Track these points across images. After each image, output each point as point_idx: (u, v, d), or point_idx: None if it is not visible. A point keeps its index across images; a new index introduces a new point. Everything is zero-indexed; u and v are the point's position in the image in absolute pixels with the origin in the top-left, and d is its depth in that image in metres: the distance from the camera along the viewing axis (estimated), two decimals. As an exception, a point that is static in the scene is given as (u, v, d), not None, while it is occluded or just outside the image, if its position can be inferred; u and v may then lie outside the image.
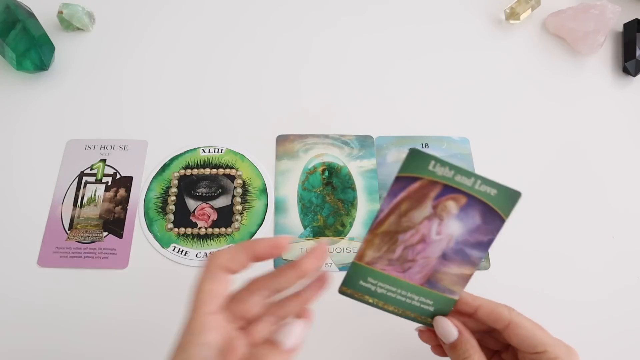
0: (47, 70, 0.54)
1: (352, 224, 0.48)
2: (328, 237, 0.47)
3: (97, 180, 0.49)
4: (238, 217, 0.48)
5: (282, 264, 0.30)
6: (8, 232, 0.46)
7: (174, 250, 0.46)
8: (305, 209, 0.48)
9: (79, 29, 0.58)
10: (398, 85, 0.56)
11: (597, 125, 0.54)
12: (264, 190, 0.49)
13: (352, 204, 0.49)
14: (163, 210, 0.48)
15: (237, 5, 0.61)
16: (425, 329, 0.35)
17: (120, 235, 0.46)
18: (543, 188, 0.50)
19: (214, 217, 0.48)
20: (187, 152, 0.51)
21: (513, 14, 0.59)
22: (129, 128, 0.52)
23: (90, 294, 0.44)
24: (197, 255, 0.46)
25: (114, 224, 0.47)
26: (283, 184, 0.50)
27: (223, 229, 0.47)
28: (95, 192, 0.49)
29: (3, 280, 0.44)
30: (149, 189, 0.49)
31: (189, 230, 0.47)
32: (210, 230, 0.47)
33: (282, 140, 0.52)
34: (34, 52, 0.52)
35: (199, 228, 0.47)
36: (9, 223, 0.47)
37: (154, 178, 0.49)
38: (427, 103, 0.55)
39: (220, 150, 0.51)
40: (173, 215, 0.48)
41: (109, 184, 0.49)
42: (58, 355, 0.42)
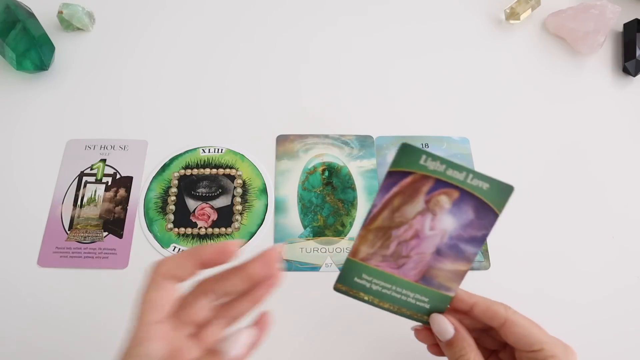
0: (47, 70, 0.54)
1: (352, 224, 0.48)
2: (327, 236, 0.47)
3: (97, 180, 0.49)
4: (238, 217, 0.48)
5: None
6: (8, 232, 0.47)
7: (174, 250, 0.46)
8: (305, 209, 0.48)
9: (79, 29, 0.58)
10: (398, 85, 0.56)
11: (597, 125, 0.54)
12: (264, 190, 0.49)
13: (352, 204, 0.49)
14: (163, 210, 0.48)
15: (237, 5, 0.61)
16: (422, 328, 0.35)
17: (120, 235, 0.46)
18: (543, 188, 0.50)
19: (214, 217, 0.48)
20: (187, 152, 0.51)
21: (513, 14, 0.59)
22: (129, 128, 0.52)
23: (90, 294, 0.44)
24: (197, 255, 0.46)
25: (114, 224, 0.47)
26: (283, 184, 0.50)
27: (223, 229, 0.47)
28: (95, 192, 0.49)
29: (3, 280, 0.44)
30: (149, 189, 0.49)
31: (189, 230, 0.47)
32: (210, 230, 0.47)
33: (282, 140, 0.52)
34: (34, 52, 0.52)
35: (199, 228, 0.47)
36: (9, 223, 0.47)
37: (154, 178, 0.49)
38: (427, 103, 0.55)
39: (220, 150, 0.51)
40: (173, 215, 0.48)
41: (109, 184, 0.49)
42: (58, 355, 0.42)
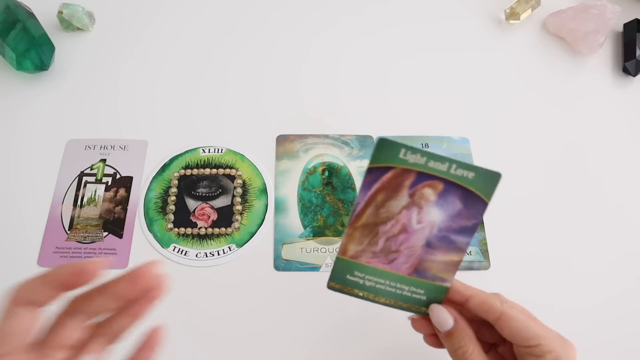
0: (47, 70, 0.54)
1: (352, 224, 0.48)
2: (327, 236, 0.47)
3: (97, 180, 0.49)
4: (238, 217, 0.48)
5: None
6: (8, 232, 0.46)
7: (174, 250, 0.46)
8: (305, 209, 0.48)
9: (79, 29, 0.58)
10: (398, 85, 0.56)
11: (597, 125, 0.54)
12: (264, 190, 0.49)
13: (352, 204, 0.49)
14: (163, 210, 0.48)
15: (237, 6, 0.61)
16: (419, 317, 0.34)
17: (120, 235, 0.46)
18: (543, 187, 0.50)
19: (214, 217, 0.48)
20: (187, 152, 0.51)
21: (513, 14, 0.59)
22: (129, 128, 0.52)
23: (90, 294, 0.44)
24: (197, 255, 0.46)
25: (114, 224, 0.47)
26: (283, 184, 0.50)
27: (223, 229, 0.47)
28: (95, 192, 0.49)
29: (3, 280, 0.44)
30: (149, 189, 0.49)
31: (189, 230, 0.47)
32: (210, 230, 0.47)
33: (282, 140, 0.52)
34: (34, 52, 0.52)
35: (199, 228, 0.47)
36: (9, 223, 0.47)
37: (154, 178, 0.49)
38: (427, 103, 0.55)
39: (220, 150, 0.51)
40: (173, 215, 0.48)
41: (109, 184, 0.49)
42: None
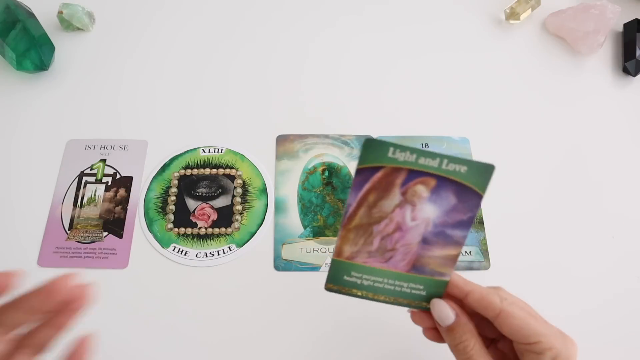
0: (47, 70, 0.54)
1: (352, 224, 0.48)
2: (327, 236, 0.47)
3: (97, 180, 0.49)
4: (238, 217, 0.48)
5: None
6: (8, 232, 0.46)
7: (174, 250, 0.46)
8: (305, 209, 0.48)
9: (79, 29, 0.58)
10: (398, 85, 0.56)
11: (597, 126, 0.54)
12: (264, 190, 0.49)
13: (352, 204, 0.49)
14: (163, 210, 0.48)
15: (237, 6, 0.61)
16: (418, 310, 0.34)
17: (120, 235, 0.46)
18: (543, 187, 0.50)
19: (214, 217, 0.48)
20: (187, 152, 0.51)
21: (513, 14, 0.59)
22: (129, 128, 0.52)
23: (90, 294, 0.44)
24: (197, 255, 0.46)
25: (114, 224, 0.47)
26: (283, 184, 0.50)
27: (223, 229, 0.47)
28: (95, 192, 0.49)
29: (3, 280, 0.44)
30: (149, 189, 0.49)
31: (189, 230, 0.47)
32: (210, 230, 0.47)
33: (282, 140, 0.52)
34: (34, 52, 0.52)
35: (199, 228, 0.47)
36: (9, 223, 0.47)
37: (154, 178, 0.49)
38: (427, 103, 0.55)
39: (220, 150, 0.51)
40: (173, 215, 0.48)
41: (109, 184, 0.49)
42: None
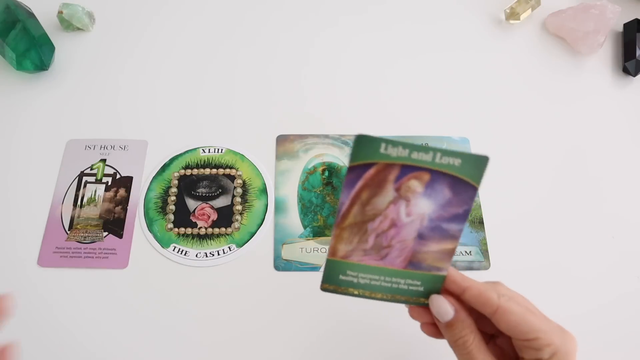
0: (47, 70, 0.54)
1: (352, 224, 0.48)
2: (327, 236, 0.47)
3: (97, 180, 0.49)
4: (238, 217, 0.48)
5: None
6: (8, 232, 0.46)
7: (174, 250, 0.46)
8: (305, 209, 0.48)
9: (79, 29, 0.58)
10: (398, 85, 0.56)
11: (597, 126, 0.54)
12: (264, 190, 0.49)
13: (352, 204, 0.49)
14: (163, 210, 0.48)
15: (237, 6, 0.61)
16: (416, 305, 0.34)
17: (120, 235, 0.46)
18: (543, 187, 0.50)
19: (214, 217, 0.48)
20: (187, 152, 0.51)
21: (513, 14, 0.59)
22: (129, 128, 0.52)
23: (90, 294, 0.44)
24: (197, 255, 0.46)
25: (114, 224, 0.47)
26: (283, 184, 0.50)
27: (223, 229, 0.47)
28: (95, 192, 0.49)
29: (3, 280, 0.44)
30: (149, 189, 0.49)
31: (189, 230, 0.47)
32: (211, 230, 0.47)
33: (282, 140, 0.52)
34: (34, 52, 0.52)
35: (199, 228, 0.47)
36: (9, 223, 0.47)
37: (154, 178, 0.49)
38: (427, 103, 0.55)
39: (220, 150, 0.51)
40: (173, 215, 0.48)
41: (109, 184, 0.49)
42: (58, 355, 0.42)
